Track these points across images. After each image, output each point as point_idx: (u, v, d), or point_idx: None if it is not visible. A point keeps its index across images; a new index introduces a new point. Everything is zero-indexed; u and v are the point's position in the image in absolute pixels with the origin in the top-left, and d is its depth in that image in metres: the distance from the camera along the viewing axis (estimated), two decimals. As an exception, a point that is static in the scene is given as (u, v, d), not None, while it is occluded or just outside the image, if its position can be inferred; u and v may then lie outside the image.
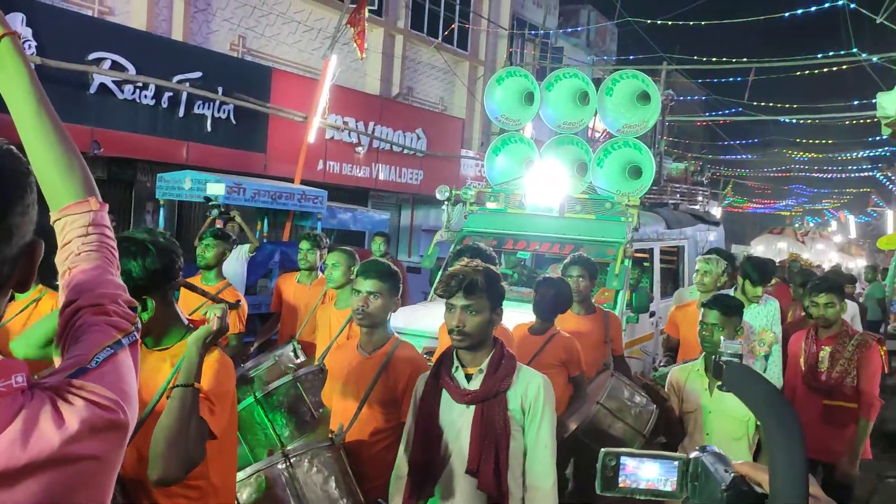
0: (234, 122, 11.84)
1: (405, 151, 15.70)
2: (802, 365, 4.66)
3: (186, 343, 2.13)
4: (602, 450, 1.19)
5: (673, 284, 8.00)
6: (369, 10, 12.97)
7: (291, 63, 14.22)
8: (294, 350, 4.70)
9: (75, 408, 0.99)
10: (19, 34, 1.51)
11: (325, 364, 4.01)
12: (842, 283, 4.99)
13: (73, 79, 9.59)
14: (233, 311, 4.67)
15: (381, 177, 15.25)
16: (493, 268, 2.77)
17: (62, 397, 0.99)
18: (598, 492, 1.16)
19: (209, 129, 11.48)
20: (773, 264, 6.46)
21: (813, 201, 43.77)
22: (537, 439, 2.70)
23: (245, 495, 2.70)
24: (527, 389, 2.71)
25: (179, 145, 11.09)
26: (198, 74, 11.16)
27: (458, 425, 2.69)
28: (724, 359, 2.55)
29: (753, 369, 2.78)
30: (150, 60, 10.56)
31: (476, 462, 2.60)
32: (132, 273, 2.13)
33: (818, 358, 4.60)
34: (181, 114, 11.04)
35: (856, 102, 17.55)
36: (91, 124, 9.83)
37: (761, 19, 12.79)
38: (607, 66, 24.19)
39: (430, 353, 4.23)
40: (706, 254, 6.16)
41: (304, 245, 5.78)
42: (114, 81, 10.15)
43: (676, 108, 23.84)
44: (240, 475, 2.64)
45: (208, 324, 2.13)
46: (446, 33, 18.14)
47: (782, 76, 18.05)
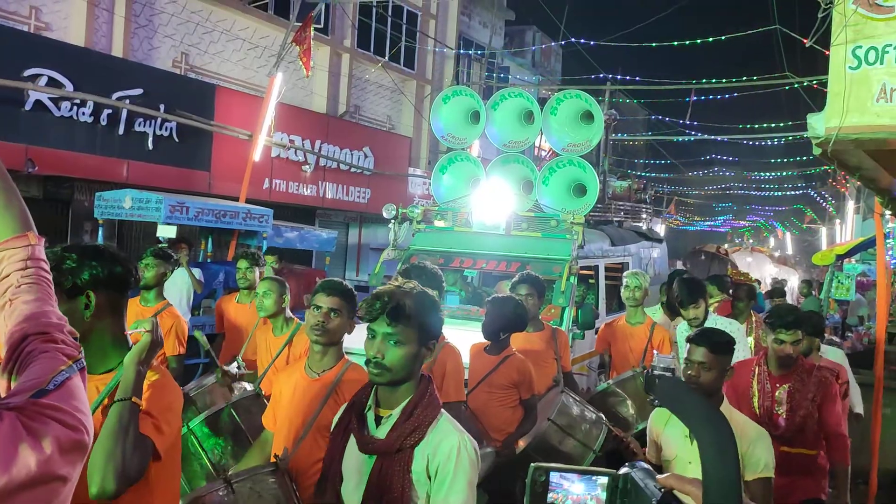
0: (176, 139, 11.64)
1: (352, 170, 15.64)
2: (757, 408, 3.94)
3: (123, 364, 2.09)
4: (532, 465, 1.18)
5: (618, 301, 8.11)
6: (315, 29, 12.92)
7: (236, 81, 14.07)
8: (239, 367, 4.65)
9: (47, 428, 1.02)
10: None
11: (261, 388, 3.96)
12: (811, 317, 4.46)
13: (8, 95, 9.32)
14: (172, 333, 4.60)
15: (329, 195, 15.15)
16: (430, 293, 2.36)
17: (31, 418, 1.02)
18: None
19: (150, 146, 11.26)
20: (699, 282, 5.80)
21: (751, 217, 45.00)
22: None
23: None
24: (437, 449, 2.17)
25: (119, 163, 10.84)
26: (138, 91, 10.95)
27: (355, 479, 2.25)
28: (656, 373, 2.56)
29: (684, 383, 2.80)
30: (89, 77, 10.33)
31: None
32: (81, 271, 2.11)
33: (774, 398, 3.95)
34: (121, 131, 10.80)
35: (790, 123, 18.15)
36: (26, 142, 9.56)
37: (698, 43, 13.16)
38: (552, 86, 24.56)
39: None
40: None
41: (243, 264, 5.77)
42: (50, 98, 9.88)
43: (620, 127, 24.34)
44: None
45: (140, 339, 2.10)
46: (393, 52, 18.20)
47: (721, 97, 18.57)
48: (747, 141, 22.92)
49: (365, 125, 17.27)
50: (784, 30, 9.95)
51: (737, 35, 12.15)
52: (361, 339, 3.12)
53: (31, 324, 1.27)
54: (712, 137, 23.37)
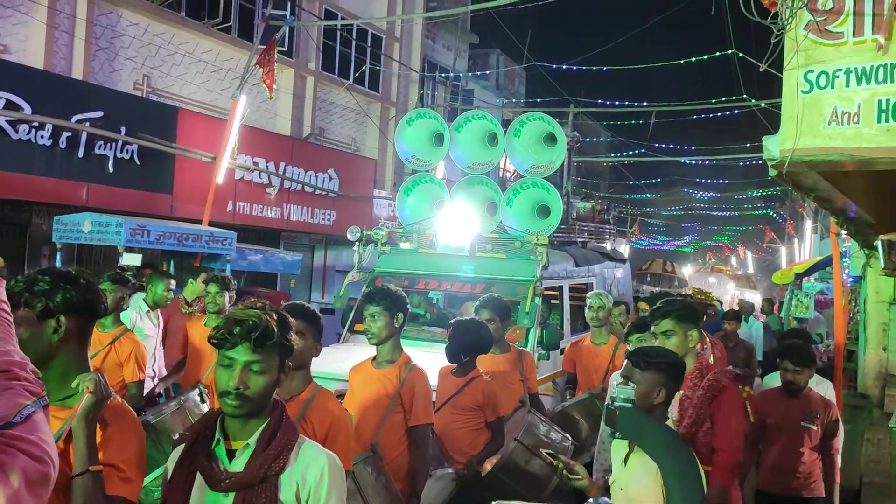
0: (138, 162, 11.50)
1: (317, 192, 15.58)
2: None
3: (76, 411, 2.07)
4: (493, 503, 1.18)
5: (583, 321, 8.17)
6: (279, 51, 12.91)
7: (199, 103, 13.97)
8: (200, 393, 4.57)
9: (15, 461, 1.02)
10: None
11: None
12: (693, 308, 3.83)
13: (-37, 118, 9.15)
14: (131, 358, 4.52)
15: (293, 217, 15.06)
16: (285, 315, 2.22)
17: None
18: None
19: (111, 170, 11.10)
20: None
21: (713, 237, 45.70)
22: None
23: None
24: (306, 472, 2.10)
25: (78, 187, 10.67)
26: (99, 114, 10.81)
27: None
28: (616, 404, 2.57)
29: (645, 414, 2.78)
30: (48, 99, 10.18)
31: None
32: (55, 294, 2.11)
33: None
34: (81, 154, 10.64)
35: (748, 145, 18.54)
36: (-18, 165, 9.39)
37: (657, 66, 13.41)
38: (516, 108, 24.81)
39: (341, 395, 4.17)
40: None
41: (213, 288, 5.70)
42: (7, 121, 9.71)
43: (583, 149, 24.64)
44: None
45: (83, 398, 2.06)
46: (357, 75, 18.25)
47: (682, 119, 18.92)
48: (708, 162, 23.34)
49: (330, 147, 17.25)
50: (741, 54, 10.19)
51: (696, 59, 12.42)
52: (324, 363, 3.10)
53: None
54: (674, 159, 23.75)
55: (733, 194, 32.26)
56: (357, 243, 7.27)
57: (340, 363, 5.05)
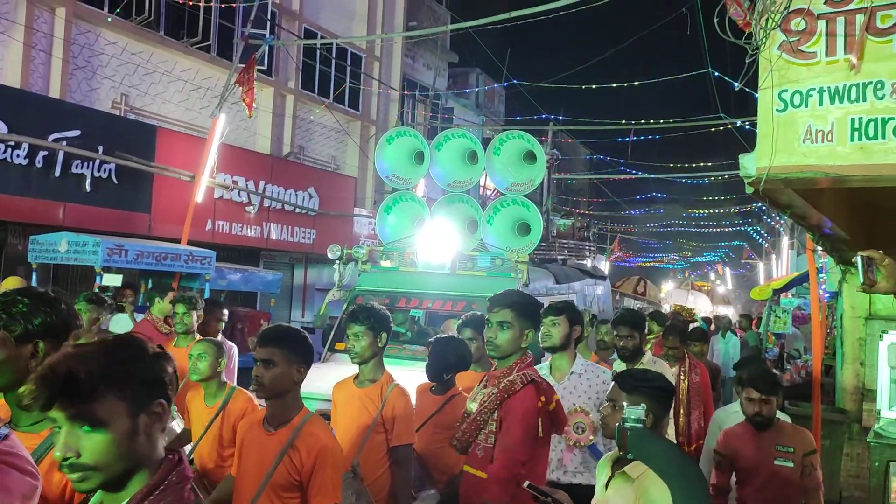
0: (115, 181, 11.42)
1: (297, 210, 15.54)
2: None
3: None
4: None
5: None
6: (259, 70, 12.91)
7: (178, 122, 13.91)
8: (171, 416, 4.51)
9: (11, 477, 1.04)
10: None
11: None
12: (538, 308, 3.45)
13: (-63, 137, 9.04)
14: None
15: (273, 236, 15.00)
16: (131, 341, 1.69)
17: None
18: None
19: (88, 188, 11.02)
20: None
21: (693, 254, 46.06)
22: None
23: None
24: None
25: (55, 206, 10.57)
26: (76, 133, 10.74)
27: None
28: (627, 425, 2.56)
29: (655, 434, 2.75)
30: (24, 118, 10.10)
31: None
32: (34, 317, 2.08)
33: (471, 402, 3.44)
34: (57, 173, 10.56)
35: (725, 162, 18.76)
36: (-44, 185, 9.29)
37: (634, 85, 13.56)
38: (496, 127, 24.95)
39: (324, 415, 4.14)
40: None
41: (180, 308, 5.64)
42: (-17, 140, 9.64)
43: (563, 167, 24.81)
44: None
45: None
46: (337, 93, 18.28)
47: (660, 137, 19.11)
48: (686, 179, 23.57)
49: (310, 166, 17.23)
50: (716, 73, 10.34)
51: (672, 78, 12.56)
52: (305, 382, 3.04)
53: None
54: (652, 176, 23.96)
55: (711, 211, 32.56)
56: (338, 262, 7.24)
57: (320, 382, 5.00)
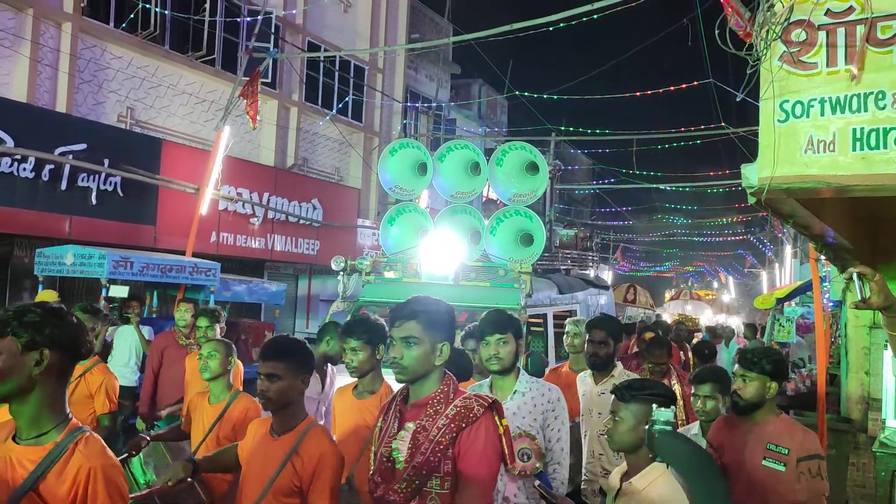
0: (121, 194, 11.49)
1: (301, 222, 15.59)
2: (372, 458, 2.71)
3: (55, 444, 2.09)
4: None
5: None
6: (263, 83, 12.99)
7: (183, 135, 14.00)
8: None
9: None
10: None
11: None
12: (451, 318, 2.75)
13: (-55, 151, 9.12)
14: (102, 390, 4.53)
15: (277, 247, 15.05)
16: None
17: None
18: None
19: (94, 201, 11.09)
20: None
21: (695, 263, 46.04)
22: None
23: None
24: None
25: (61, 219, 10.63)
26: (82, 146, 10.82)
27: None
28: (656, 428, 2.56)
29: (683, 435, 2.75)
30: (31, 132, 10.18)
31: None
32: (43, 327, 2.11)
33: (391, 445, 2.62)
34: (63, 186, 10.63)
35: (727, 171, 18.78)
36: (-37, 198, 9.36)
37: (636, 95, 13.61)
38: (499, 137, 25.02)
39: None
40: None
41: (203, 322, 5.70)
42: (-11, 154, 9.72)
43: (565, 177, 24.84)
44: None
45: None
46: (340, 105, 18.37)
47: (662, 147, 19.14)
48: (689, 188, 23.59)
49: (313, 177, 17.29)
50: (718, 83, 10.38)
51: (674, 88, 12.61)
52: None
53: None
54: (654, 185, 23.99)
55: (714, 220, 32.57)
56: (341, 273, 7.26)
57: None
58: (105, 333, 7.38)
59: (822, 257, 6.96)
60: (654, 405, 2.71)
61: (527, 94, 17.14)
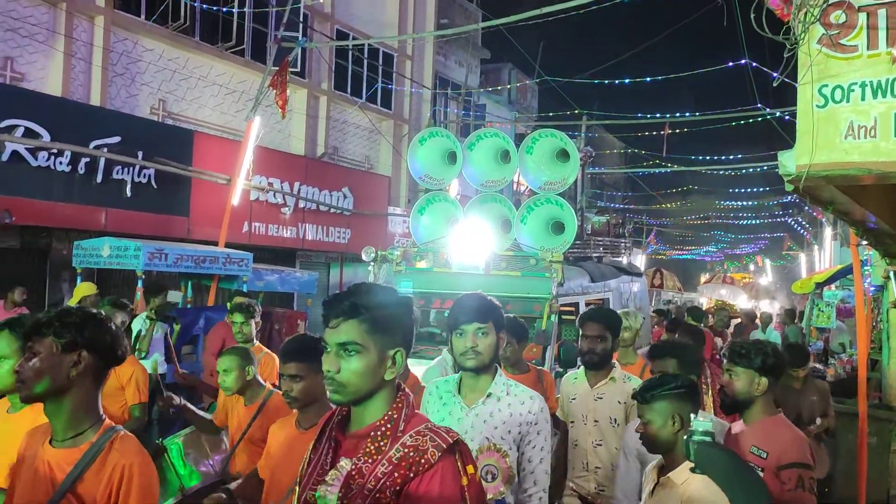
0: (154, 186, 11.62)
1: (332, 210, 15.65)
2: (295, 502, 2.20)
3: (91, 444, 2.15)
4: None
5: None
6: (292, 72, 13.00)
7: (214, 126, 14.10)
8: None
9: None
10: None
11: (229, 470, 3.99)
12: (405, 319, 2.05)
13: (-16, 147, 9.28)
14: (132, 381, 4.57)
15: (309, 236, 15.13)
16: None
17: None
18: None
19: (129, 194, 11.23)
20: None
21: (731, 246, 45.37)
22: None
23: None
24: None
25: (97, 212, 10.79)
26: (116, 139, 10.95)
27: None
28: (695, 438, 2.52)
29: (721, 446, 2.69)
30: (66, 126, 10.32)
31: None
32: (84, 329, 2.19)
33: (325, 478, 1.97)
34: (99, 179, 10.78)
35: (764, 153, 18.43)
36: (3, 193, 9.56)
37: (669, 77, 13.37)
38: (529, 122, 24.82)
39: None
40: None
41: (238, 318, 5.65)
42: (27, 149, 9.86)
43: (597, 160, 24.60)
44: None
45: None
46: (370, 93, 18.35)
47: (696, 129, 18.83)
48: (724, 171, 23.21)
49: (343, 166, 17.33)
50: (755, 64, 10.15)
51: (709, 70, 12.38)
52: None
53: None
54: (689, 169, 23.64)
55: (750, 202, 32.02)
56: (372, 263, 7.27)
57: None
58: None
59: (864, 241, 6.80)
60: (692, 415, 2.70)
61: (557, 78, 16.98)
